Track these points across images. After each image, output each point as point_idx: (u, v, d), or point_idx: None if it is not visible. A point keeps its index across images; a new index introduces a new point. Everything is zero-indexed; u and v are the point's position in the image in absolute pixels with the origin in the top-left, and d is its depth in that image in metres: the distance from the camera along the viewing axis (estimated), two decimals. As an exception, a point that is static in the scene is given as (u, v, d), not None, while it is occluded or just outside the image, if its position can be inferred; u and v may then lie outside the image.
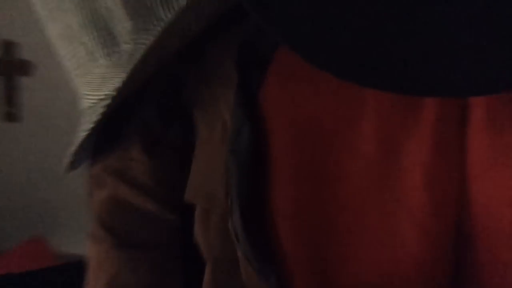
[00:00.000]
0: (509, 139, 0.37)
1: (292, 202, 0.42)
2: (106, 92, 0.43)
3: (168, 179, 0.48)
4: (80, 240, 0.70)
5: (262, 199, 0.41)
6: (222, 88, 0.42)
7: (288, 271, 0.43)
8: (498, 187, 0.39)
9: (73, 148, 0.44)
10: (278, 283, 0.42)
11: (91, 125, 0.43)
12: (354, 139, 0.41)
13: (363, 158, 0.41)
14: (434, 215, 0.42)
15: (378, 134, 0.40)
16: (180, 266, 0.50)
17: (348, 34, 0.29)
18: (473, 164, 0.40)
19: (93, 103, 0.44)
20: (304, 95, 0.40)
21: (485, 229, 0.40)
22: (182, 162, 0.46)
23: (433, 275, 0.43)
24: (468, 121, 0.40)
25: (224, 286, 0.46)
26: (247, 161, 0.41)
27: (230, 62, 0.41)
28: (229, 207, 0.41)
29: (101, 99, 0.43)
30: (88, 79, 0.45)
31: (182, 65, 0.43)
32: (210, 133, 0.44)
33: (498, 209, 0.39)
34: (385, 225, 0.42)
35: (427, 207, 0.42)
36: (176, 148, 0.48)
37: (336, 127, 0.40)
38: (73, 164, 0.46)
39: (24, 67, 2.06)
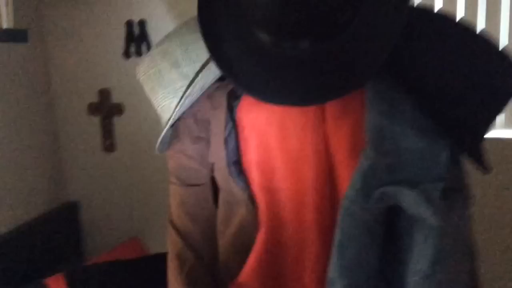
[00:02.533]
0: (342, 126, 0.75)
1: (256, 163, 0.83)
2: (170, 115, 0.86)
3: (203, 153, 0.89)
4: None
5: (242, 161, 0.83)
6: (220, 112, 0.83)
7: (254, 194, 0.83)
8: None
9: (159, 140, 0.87)
10: (249, 195, 0.82)
11: (164, 130, 0.86)
12: (283, 137, 0.81)
13: (288, 148, 0.80)
14: (316, 189, 0.80)
15: (295, 131, 0.80)
16: (212, 200, 0.90)
17: (260, 86, 0.70)
18: (333, 146, 0.78)
19: (165, 120, 0.87)
20: (257, 112, 0.81)
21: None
22: (208, 145, 0.87)
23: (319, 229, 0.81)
24: (325, 117, 0.78)
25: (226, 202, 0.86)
26: (233, 144, 0.82)
27: (224, 99, 0.83)
28: (227, 163, 0.82)
29: (169, 118, 0.86)
30: (164, 109, 0.88)
31: (203, 99, 0.85)
32: (216, 134, 0.85)
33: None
34: (296, 186, 0.81)
35: (314, 181, 0.80)
36: (203, 138, 0.88)
37: (272, 127, 0.81)
38: (160, 150, 0.89)
39: (116, 109, 2.41)
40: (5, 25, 1.92)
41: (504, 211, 2.06)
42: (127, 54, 2.34)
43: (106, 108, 2.44)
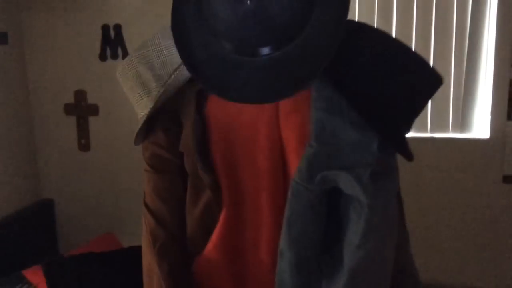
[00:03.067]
0: (292, 120, 0.89)
1: (219, 153, 0.95)
2: (146, 112, 0.98)
3: (174, 144, 1.01)
4: (141, 234, 1.03)
5: (208, 150, 0.96)
6: (190, 107, 0.96)
7: (218, 179, 0.96)
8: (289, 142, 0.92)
9: (136, 133, 1.00)
10: (213, 180, 0.95)
11: (140, 125, 0.99)
12: (243, 130, 0.94)
13: (247, 139, 0.94)
14: (270, 174, 0.93)
15: (253, 125, 0.93)
16: (181, 184, 1.02)
17: (223, 87, 0.83)
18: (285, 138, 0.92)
19: (141, 116, 1.00)
20: (221, 108, 0.94)
21: None
22: (178, 137, 1.00)
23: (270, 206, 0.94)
24: (278, 113, 0.92)
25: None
26: (199, 137, 0.95)
27: (193, 97, 0.96)
28: (195, 152, 0.95)
29: (145, 114, 0.99)
30: (141, 106, 1.00)
31: (177, 99, 0.97)
32: (186, 126, 0.97)
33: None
34: (253, 172, 0.94)
35: (269, 168, 0.93)
36: (174, 130, 1.01)
37: (233, 121, 0.94)
38: (136, 143, 1.02)
39: (91, 109, 2.50)
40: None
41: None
42: (103, 57, 2.44)
43: (81, 109, 2.52)
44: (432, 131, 2.30)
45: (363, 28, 0.91)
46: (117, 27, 2.39)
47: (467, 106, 2.25)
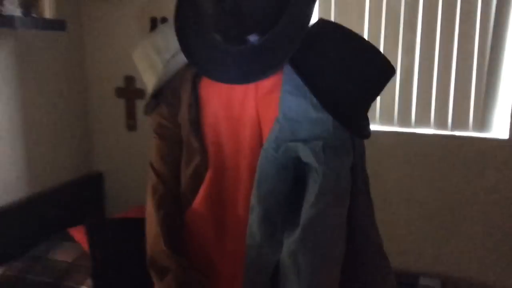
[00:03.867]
0: (267, 100, 1.07)
1: (208, 125, 1.15)
2: (153, 88, 1.20)
3: (174, 116, 1.21)
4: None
5: (199, 122, 1.16)
6: (187, 87, 1.17)
7: (206, 146, 1.15)
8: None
9: (144, 105, 1.22)
10: (202, 146, 1.14)
11: (148, 99, 1.21)
12: (228, 107, 1.13)
13: (232, 114, 1.13)
14: (249, 143, 1.11)
15: (237, 103, 1.12)
16: (179, 149, 1.22)
17: (213, 70, 1.02)
18: (259, 111, 1.10)
19: (150, 92, 1.21)
20: (211, 88, 1.14)
21: None
22: (178, 110, 1.20)
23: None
24: (257, 94, 1.10)
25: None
26: (194, 109, 1.15)
27: (190, 79, 1.16)
28: (189, 123, 1.15)
29: (152, 90, 1.20)
30: (150, 84, 1.22)
31: (178, 79, 1.18)
32: (184, 102, 1.17)
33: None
34: (235, 141, 1.13)
35: (248, 137, 1.12)
36: (175, 104, 1.21)
37: (221, 99, 1.13)
38: (146, 113, 1.24)
39: (139, 93, 2.73)
40: (47, 16, 2.27)
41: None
42: None
43: (130, 92, 2.77)
44: (453, 129, 2.37)
45: (330, 26, 1.08)
46: (164, 20, 2.63)
47: (488, 106, 2.31)
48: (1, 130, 2.30)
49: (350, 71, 1.03)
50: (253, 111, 1.11)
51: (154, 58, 1.18)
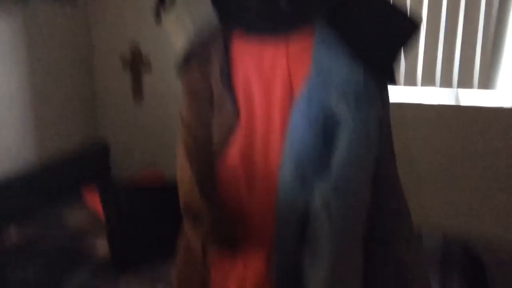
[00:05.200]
0: (298, 57, 1.11)
1: (240, 82, 1.18)
2: (185, 48, 1.20)
3: (205, 74, 1.21)
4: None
5: (230, 79, 1.18)
6: (218, 46, 1.18)
7: (237, 101, 1.19)
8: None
9: (177, 63, 1.23)
10: (233, 98, 1.18)
11: (181, 59, 1.23)
12: (259, 67, 1.16)
13: (263, 75, 1.17)
14: (280, 99, 1.15)
15: (268, 63, 1.15)
16: (209, 105, 1.23)
17: (246, 22, 1.10)
18: (291, 68, 1.13)
19: (181, 52, 1.22)
20: (242, 49, 1.17)
21: None
22: (209, 69, 1.20)
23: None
24: (288, 54, 1.14)
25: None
26: (226, 69, 1.18)
27: (221, 40, 1.18)
28: (221, 79, 1.18)
29: (184, 50, 1.21)
30: (181, 45, 1.21)
31: (210, 41, 1.19)
32: (215, 61, 1.19)
33: None
34: (266, 97, 1.16)
35: (279, 91, 1.15)
36: (207, 65, 1.21)
37: (252, 60, 1.16)
38: (180, 74, 1.25)
39: (145, 66, 2.76)
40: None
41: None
42: (157, 21, 2.67)
43: (137, 65, 2.79)
44: (459, 86, 2.43)
45: None
46: (170, -13, 2.62)
47: (493, 64, 2.36)
48: (11, 98, 2.33)
49: (379, 21, 1.09)
50: (285, 68, 1.15)
51: (185, 20, 1.20)
